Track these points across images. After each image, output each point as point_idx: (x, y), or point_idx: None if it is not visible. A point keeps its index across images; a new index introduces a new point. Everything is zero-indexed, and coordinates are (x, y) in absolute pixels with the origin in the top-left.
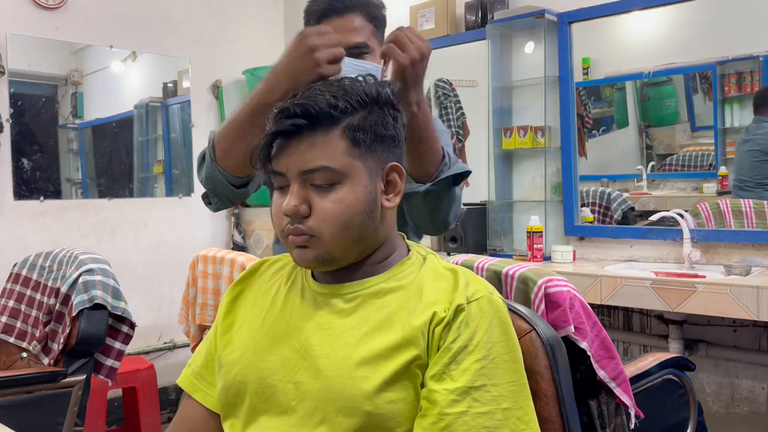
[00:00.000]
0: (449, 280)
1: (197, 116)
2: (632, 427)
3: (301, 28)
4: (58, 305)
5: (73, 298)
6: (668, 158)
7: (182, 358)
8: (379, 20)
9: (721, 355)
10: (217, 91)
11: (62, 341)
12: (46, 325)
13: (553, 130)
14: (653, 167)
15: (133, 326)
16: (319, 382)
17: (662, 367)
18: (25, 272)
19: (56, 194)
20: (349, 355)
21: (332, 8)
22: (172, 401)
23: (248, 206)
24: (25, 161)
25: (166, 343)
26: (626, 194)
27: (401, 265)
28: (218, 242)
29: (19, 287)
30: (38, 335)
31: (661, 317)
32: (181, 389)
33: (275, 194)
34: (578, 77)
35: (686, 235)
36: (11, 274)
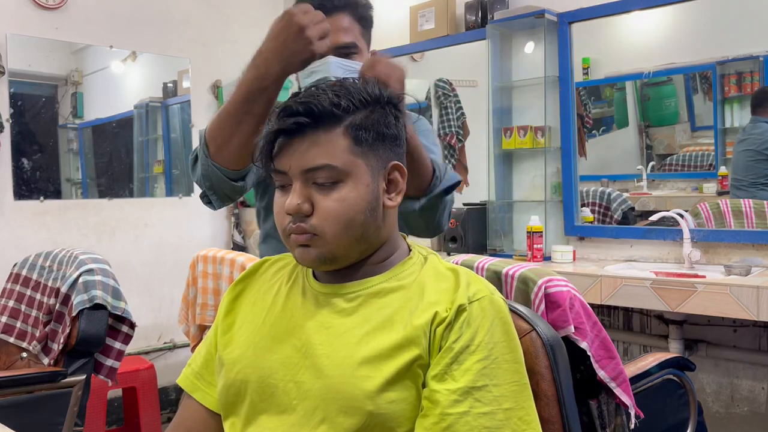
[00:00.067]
0: (450, 280)
1: (197, 116)
2: (632, 427)
3: None
4: (58, 305)
5: (73, 298)
6: (668, 158)
7: (182, 358)
8: (366, 21)
9: (721, 355)
10: (217, 91)
11: (62, 341)
12: (46, 325)
13: (553, 130)
14: (653, 167)
15: (133, 326)
16: (320, 381)
17: (662, 367)
18: (25, 272)
19: (56, 194)
20: (350, 354)
21: (321, 7)
22: (172, 401)
23: (248, 206)
24: (25, 161)
25: (166, 343)
26: (626, 194)
27: (402, 264)
28: (218, 242)
29: (19, 287)
30: (38, 335)
31: (661, 317)
32: (181, 389)
33: (277, 193)
34: (578, 77)
35: (686, 235)
36: (11, 274)
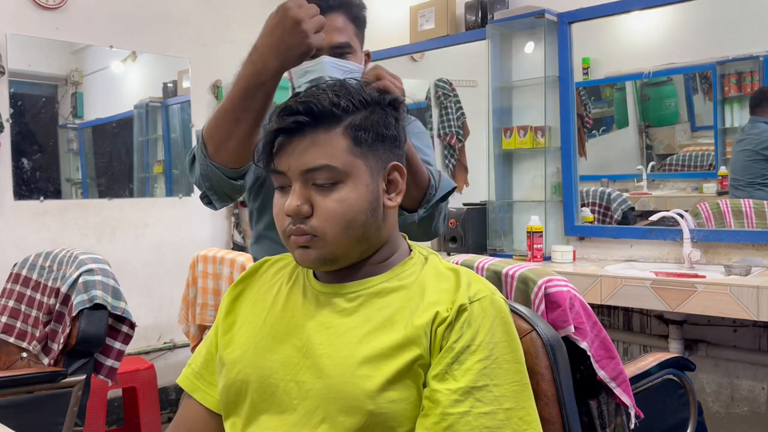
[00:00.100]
0: (451, 280)
1: (197, 116)
2: (632, 427)
3: None
4: (58, 305)
5: (73, 298)
6: (668, 158)
7: (182, 358)
8: (360, 21)
9: (721, 355)
10: (217, 91)
11: (62, 341)
12: (46, 325)
13: (553, 130)
14: (653, 167)
15: (133, 326)
16: (320, 381)
17: (662, 367)
18: (25, 272)
19: (56, 194)
20: (351, 354)
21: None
22: (172, 401)
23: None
24: (25, 161)
25: (166, 343)
26: (626, 194)
27: (403, 264)
28: (218, 242)
29: (19, 287)
30: (38, 335)
31: (661, 317)
32: (181, 389)
33: (276, 194)
34: (578, 77)
35: (686, 235)
36: (11, 274)
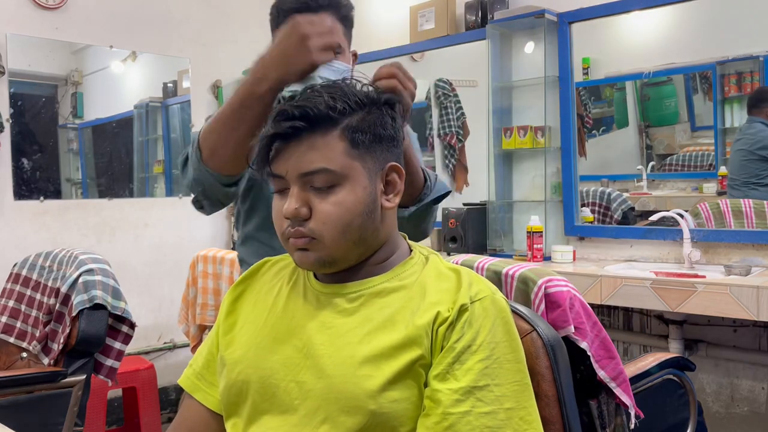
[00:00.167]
0: (452, 280)
1: (197, 116)
2: (632, 427)
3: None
4: (58, 305)
5: (73, 298)
6: (668, 158)
7: (182, 358)
8: (348, 21)
9: (721, 355)
10: (217, 91)
11: (62, 341)
12: (46, 325)
13: (553, 130)
14: (653, 167)
15: (133, 326)
16: (321, 381)
17: (662, 367)
18: (25, 272)
19: (56, 194)
20: (352, 354)
21: (305, 6)
22: (172, 401)
23: None
24: (25, 161)
25: (166, 343)
26: (626, 194)
27: (404, 264)
28: (218, 242)
29: (19, 287)
30: (38, 335)
31: (661, 317)
32: (181, 389)
33: (275, 197)
34: (578, 77)
35: (686, 235)
36: (11, 274)
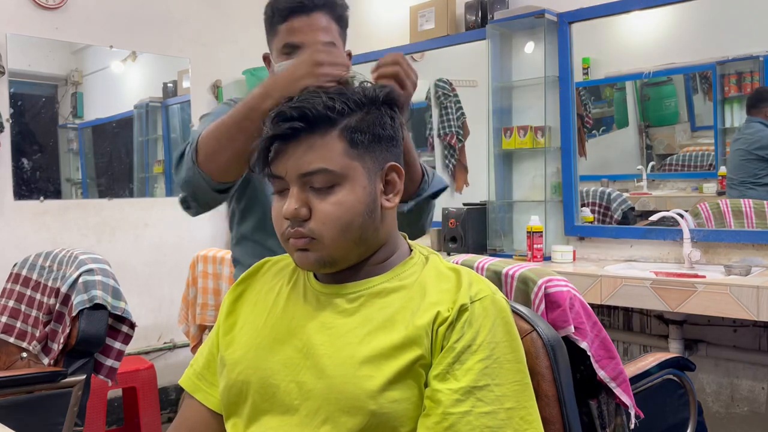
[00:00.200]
0: (452, 280)
1: (197, 116)
2: (632, 427)
3: None
4: (58, 305)
5: (73, 298)
6: (668, 158)
7: (182, 358)
8: (343, 21)
9: (721, 355)
10: (217, 91)
11: (62, 341)
12: (46, 325)
13: (553, 130)
14: (653, 167)
15: (133, 326)
16: (322, 381)
17: (662, 367)
18: (25, 272)
19: (56, 194)
20: (352, 354)
21: (300, 6)
22: (172, 401)
23: None
24: (25, 161)
25: (166, 343)
26: (626, 194)
27: (404, 264)
28: (218, 242)
29: (19, 287)
30: (38, 335)
31: (661, 317)
32: (181, 389)
33: (275, 198)
34: (578, 77)
35: (686, 235)
36: (11, 274)
